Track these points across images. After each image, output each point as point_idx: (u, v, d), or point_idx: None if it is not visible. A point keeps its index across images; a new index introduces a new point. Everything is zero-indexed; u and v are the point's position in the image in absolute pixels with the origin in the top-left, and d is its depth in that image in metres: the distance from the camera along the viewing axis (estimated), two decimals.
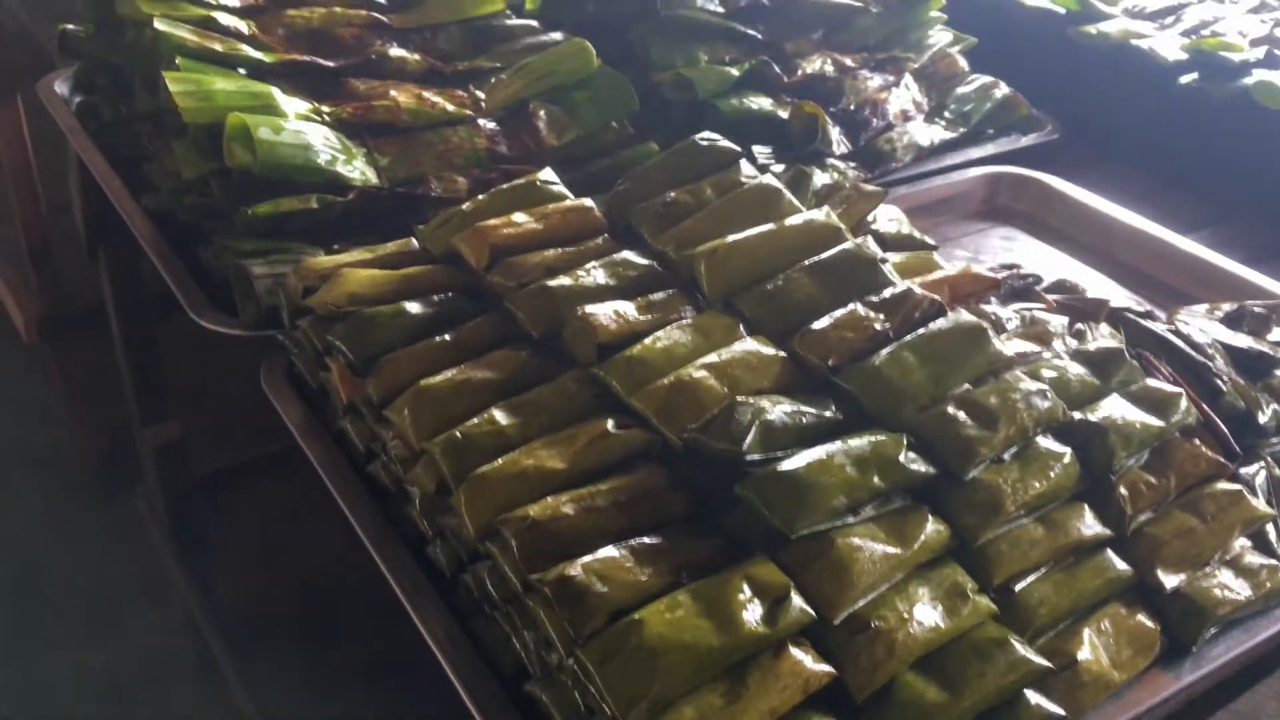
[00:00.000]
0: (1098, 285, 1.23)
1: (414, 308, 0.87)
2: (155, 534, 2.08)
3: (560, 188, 0.99)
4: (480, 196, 0.98)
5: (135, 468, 2.16)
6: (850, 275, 0.85)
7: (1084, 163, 1.46)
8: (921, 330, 0.80)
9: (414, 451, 0.79)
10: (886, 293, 0.84)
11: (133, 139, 1.27)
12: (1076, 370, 0.84)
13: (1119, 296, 1.18)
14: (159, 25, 1.12)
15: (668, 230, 0.92)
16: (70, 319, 2.45)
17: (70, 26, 1.36)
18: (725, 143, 1.00)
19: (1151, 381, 0.85)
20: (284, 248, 1.07)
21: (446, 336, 0.85)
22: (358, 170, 1.11)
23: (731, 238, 0.87)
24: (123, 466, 2.44)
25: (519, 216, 0.92)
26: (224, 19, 1.20)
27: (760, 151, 1.30)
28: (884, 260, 0.87)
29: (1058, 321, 0.98)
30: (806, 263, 0.86)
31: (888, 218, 1.08)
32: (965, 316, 0.82)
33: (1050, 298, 1.05)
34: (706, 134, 1.00)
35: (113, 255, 1.69)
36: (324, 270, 0.91)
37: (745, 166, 0.97)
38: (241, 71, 1.16)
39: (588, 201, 0.96)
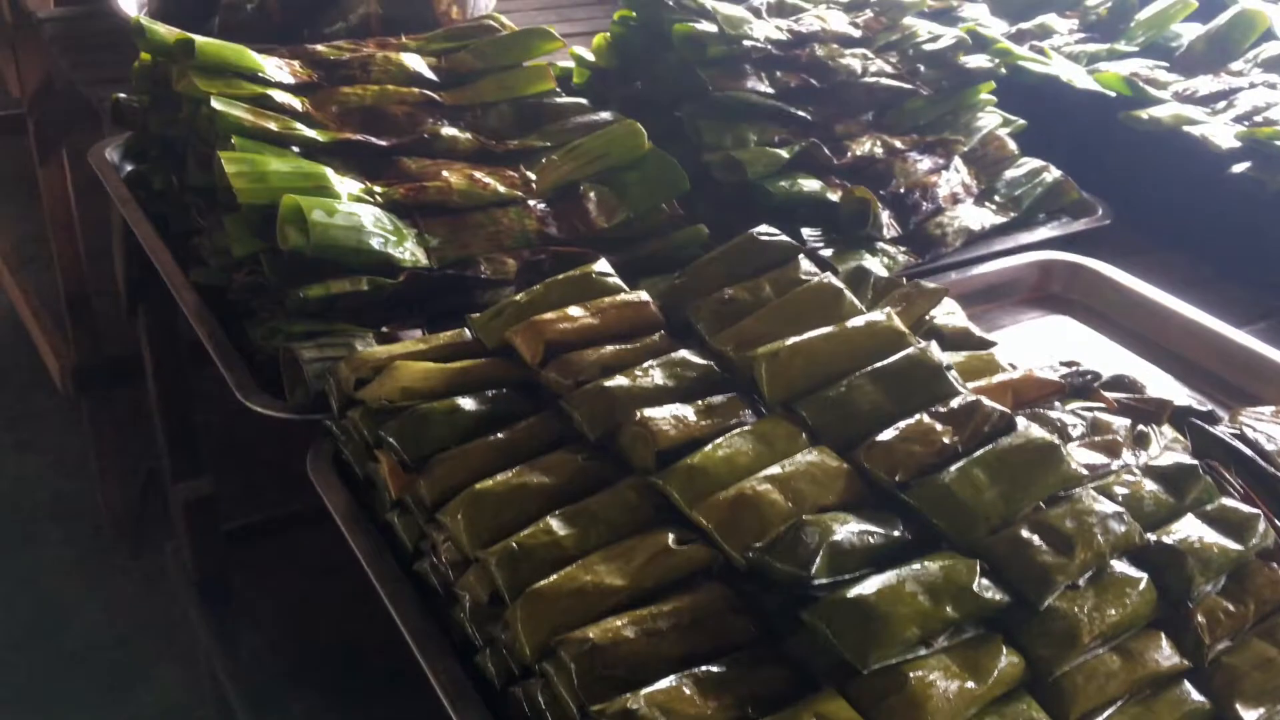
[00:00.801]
0: (1155, 380, 1.20)
1: (468, 404, 0.86)
2: (182, 587, 2.07)
3: (615, 279, 0.98)
4: (535, 287, 0.97)
5: (164, 520, 2.15)
6: (915, 383, 0.83)
7: (1135, 249, 1.44)
8: (991, 445, 0.78)
9: (466, 557, 0.77)
10: (954, 402, 0.81)
11: (182, 211, 1.27)
12: (1150, 487, 0.82)
13: (1178, 394, 1.16)
14: (216, 105, 1.12)
15: (726, 329, 0.90)
16: (104, 370, 2.46)
17: (123, 96, 1.37)
18: (783, 238, 0.99)
19: (1228, 501, 0.82)
20: (333, 329, 1.06)
21: (501, 435, 0.83)
22: (408, 251, 1.11)
23: (792, 340, 0.86)
24: (152, 518, 2.44)
25: (574, 310, 0.91)
26: (279, 96, 1.21)
27: (810, 234, 1.29)
28: (948, 367, 0.85)
29: (1121, 424, 0.95)
30: (870, 369, 0.84)
31: (945, 311, 1.06)
32: (1036, 432, 0.79)
33: (1111, 397, 1.03)
34: (765, 228, 0.99)
35: (151, 312, 1.70)
36: (376, 362, 0.90)
37: (804, 263, 0.96)
38: (295, 150, 1.16)
39: (644, 295, 0.95)
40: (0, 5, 2.17)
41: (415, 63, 1.33)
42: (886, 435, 0.79)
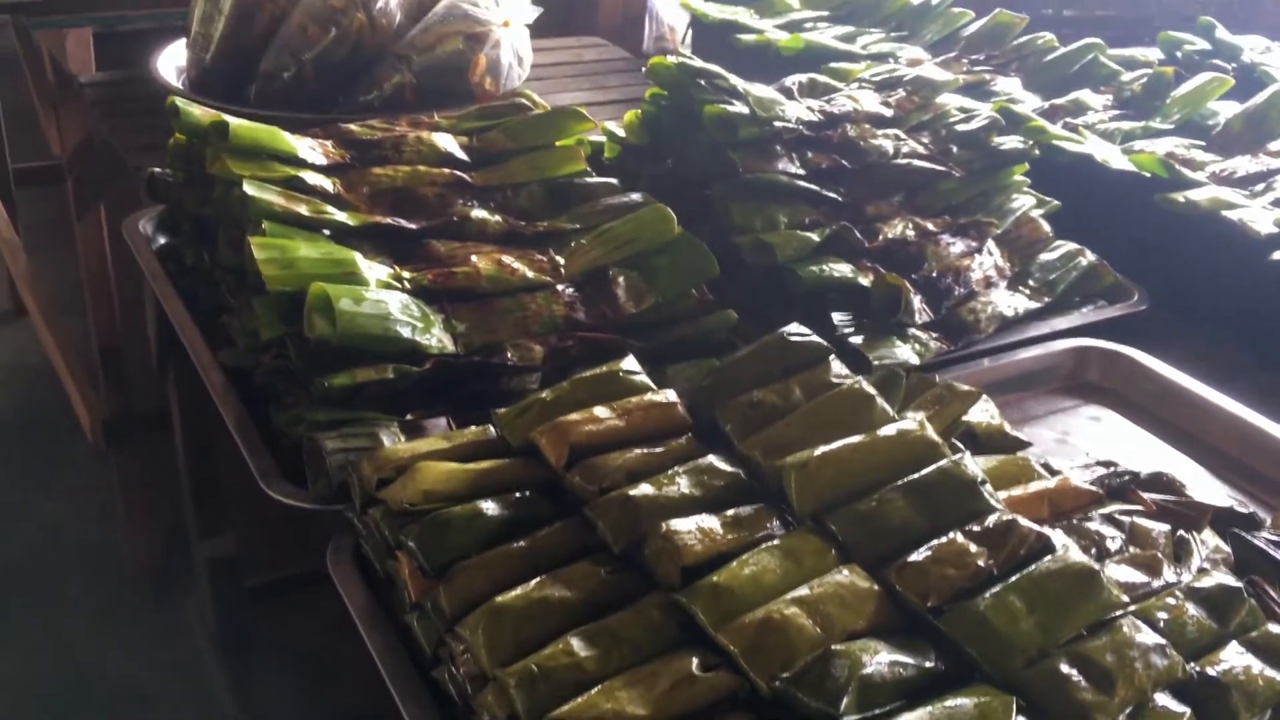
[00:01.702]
0: (1194, 477, 1.17)
1: (491, 509, 0.84)
2: (202, 640, 2.07)
3: (642, 377, 0.96)
4: (562, 384, 0.96)
5: (187, 573, 2.15)
6: (949, 498, 0.81)
7: (1172, 335, 1.42)
8: (1029, 570, 0.75)
9: (485, 673, 0.75)
10: (989, 520, 0.79)
11: (212, 288, 1.27)
12: (1193, 612, 0.79)
13: (1219, 493, 1.12)
14: (248, 189, 1.13)
15: (754, 433, 0.88)
16: (133, 423, 2.47)
17: (158, 171, 1.38)
18: (814, 338, 0.97)
19: (1274, 627, 0.80)
20: (357, 418, 1.05)
21: (523, 543, 0.82)
22: (435, 338, 1.10)
23: (822, 449, 0.84)
24: (175, 570, 2.44)
25: (600, 411, 0.90)
26: (311, 178, 1.21)
27: (840, 319, 1.28)
28: (983, 481, 0.83)
29: (1160, 531, 0.93)
30: (901, 482, 0.82)
31: (978, 407, 1.04)
32: (1075, 555, 0.77)
33: (1149, 499, 1.01)
34: (795, 328, 0.98)
35: (180, 373, 1.71)
36: (399, 461, 0.89)
37: (835, 365, 0.94)
38: (326, 233, 1.16)
39: (671, 395, 0.94)
40: (44, 67, 2.22)
41: (447, 143, 1.33)
42: (919, 555, 0.77)
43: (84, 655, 2.38)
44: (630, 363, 0.98)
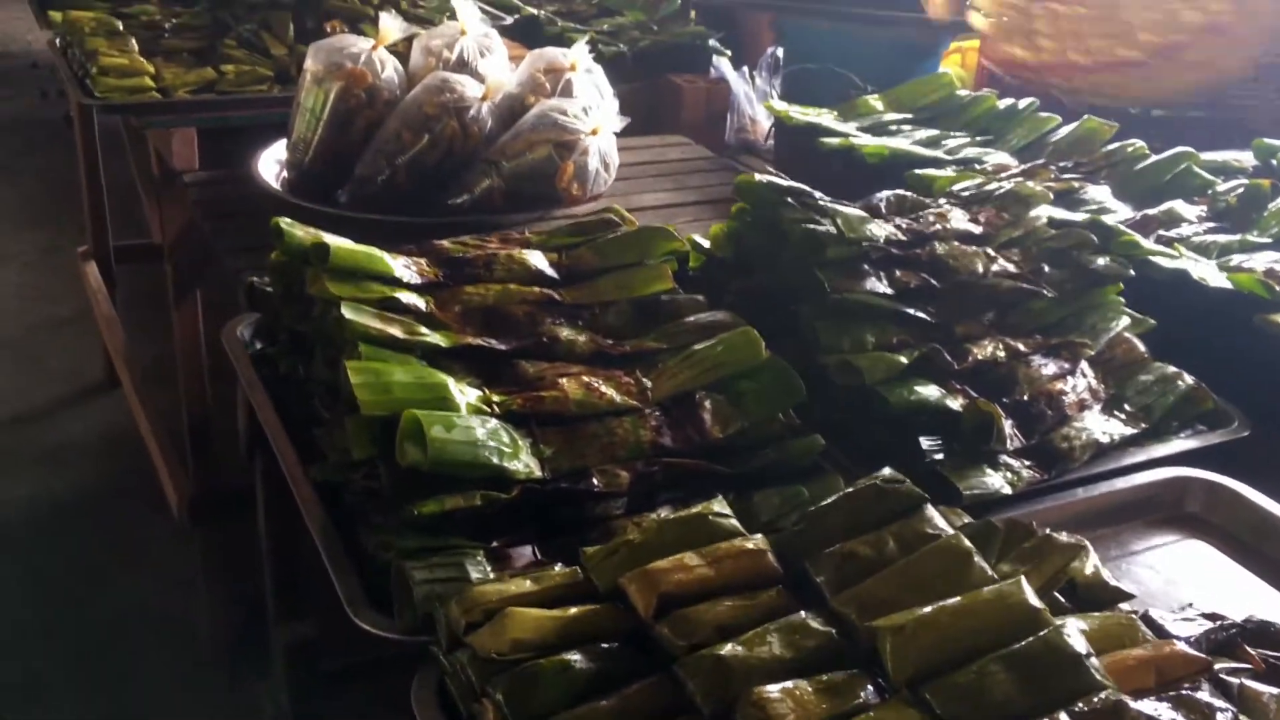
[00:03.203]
0: None
1: (579, 661, 0.84)
2: None
3: (732, 521, 0.96)
4: (650, 523, 0.95)
5: (264, 652, 2.17)
6: (1053, 672, 0.78)
7: (1276, 463, 1.36)
8: None
9: None
10: (1095, 699, 0.76)
11: (305, 399, 1.30)
12: None
13: None
14: (346, 313, 1.15)
15: (848, 587, 0.87)
16: (219, 503, 2.52)
17: (257, 280, 1.42)
18: (907, 485, 0.96)
19: None
20: (445, 546, 1.06)
21: (611, 701, 0.81)
22: (522, 463, 1.11)
23: (919, 612, 0.82)
24: (252, 649, 2.47)
25: (690, 559, 0.89)
26: (405, 297, 1.24)
27: (929, 444, 1.26)
28: (1089, 655, 0.80)
29: (1270, 697, 0.89)
30: (1003, 652, 0.80)
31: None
32: None
33: (1258, 655, 0.96)
34: (888, 473, 0.96)
35: (267, 461, 1.74)
36: (488, 604, 0.89)
37: (930, 514, 0.92)
38: (419, 353, 1.18)
39: (761, 541, 0.93)
40: (150, 160, 2.32)
41: (537, 260, 1.35)
42: None
43: None
44: (719, 505, 0.97)
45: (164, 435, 2.76)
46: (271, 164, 1.93)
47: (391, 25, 1.87)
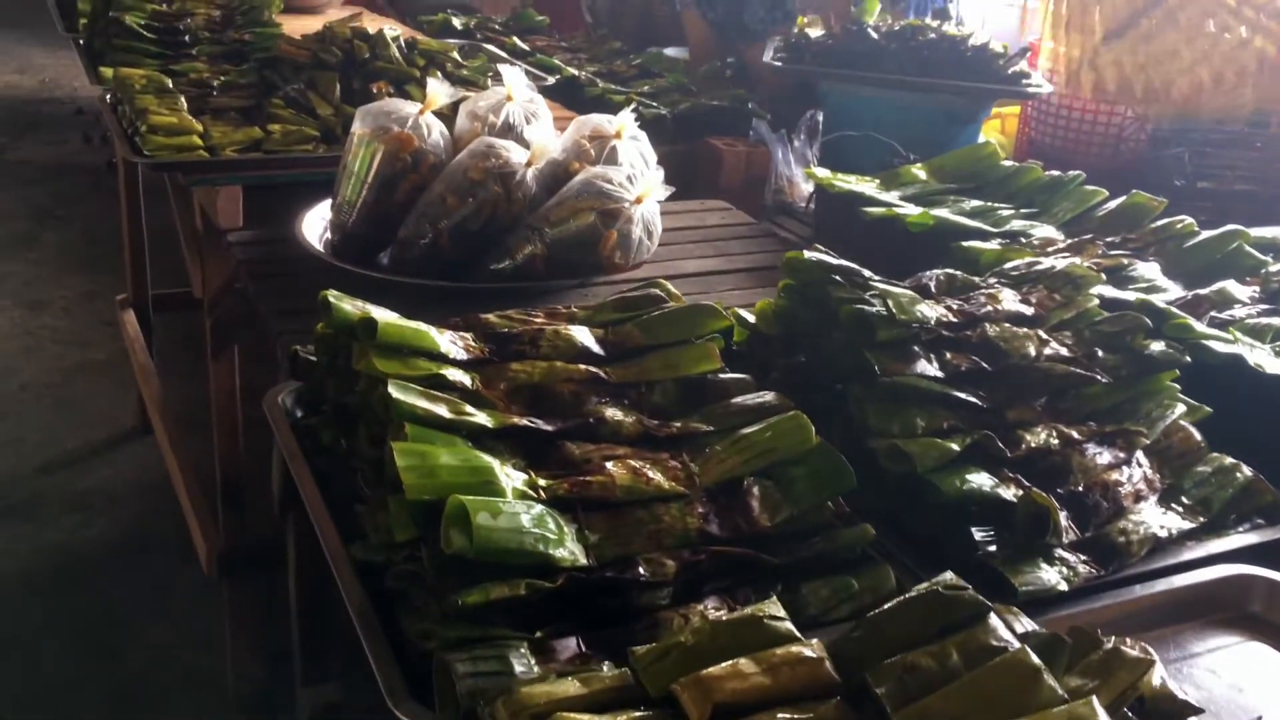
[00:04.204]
0: None
1: None
2: None
3: (787, 625, 0.93)
4: (703, 624, 0.93)
5: (290, 708, 2.14)
6: None
7: None
8: None
9: None
10: None
11: (347, 473, 1.29)
12: None
13: None
14: (394, 391, 1.14)
15: (911, 702, 0.84)
16: (249, 558, 2.51)
17: (301, 350, 1.42)
18: (969, 592, 0.93)
19: None
20: (489, 636, 1.03)
21: None
22: (568, 550, 1.09)
23: None
24: (278, 704, 2.44)
25: (746, 665, 0.87)
26: (451, 374, 1.23)
27: (981, 535, 1.23)
28: None
29: None
30: None
31: None
32: None
33: None
34: (949, 579, 0.94)
35: (300, 524, 1.73)
36: (536, 708, 0.87)
37: (995, 624, 0.89)
38: (464, 434, 1.17)
39: (818, 648, 0.90)
40: (194, 216, 2.34)
41: (584, 336, 1.34)
42: None
43: None
44: (774, 606, 0.95)
45: (195, 485, 2.76)
46: (315, 224, 1.94)
47: (439, 90, 1.89)
